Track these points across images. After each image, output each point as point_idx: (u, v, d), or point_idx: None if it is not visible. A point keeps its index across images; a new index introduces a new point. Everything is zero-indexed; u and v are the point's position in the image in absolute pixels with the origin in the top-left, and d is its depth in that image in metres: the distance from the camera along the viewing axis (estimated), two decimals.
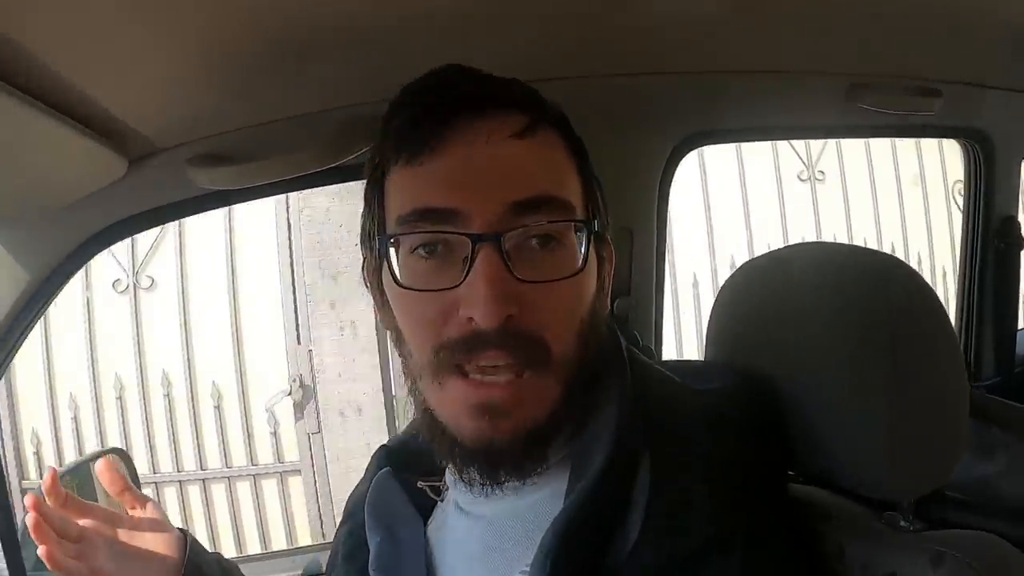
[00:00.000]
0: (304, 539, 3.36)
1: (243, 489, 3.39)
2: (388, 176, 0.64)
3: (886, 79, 1.12)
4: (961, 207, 1.46)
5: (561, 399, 0.61)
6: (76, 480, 1.25)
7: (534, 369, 0.59)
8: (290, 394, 3.25)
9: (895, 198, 3.88)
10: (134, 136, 0.95)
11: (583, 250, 0.61)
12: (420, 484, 0.74)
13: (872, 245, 3.69)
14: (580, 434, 0.63)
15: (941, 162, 3.91)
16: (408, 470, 0.76)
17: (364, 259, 0.69)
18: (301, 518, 3.41)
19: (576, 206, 0.63)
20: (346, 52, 0.87)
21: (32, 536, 0.72)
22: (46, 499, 0.75)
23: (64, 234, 1.04)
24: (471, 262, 0.57)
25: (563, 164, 0.64)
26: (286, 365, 3.29)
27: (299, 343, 3.27)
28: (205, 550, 0.86)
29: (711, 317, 0.81)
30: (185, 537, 0.84)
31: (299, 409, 3.29)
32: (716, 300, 0.81)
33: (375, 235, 0.65)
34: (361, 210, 0.68)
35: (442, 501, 0.73)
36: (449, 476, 0.70)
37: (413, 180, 0.61)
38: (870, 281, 0.65)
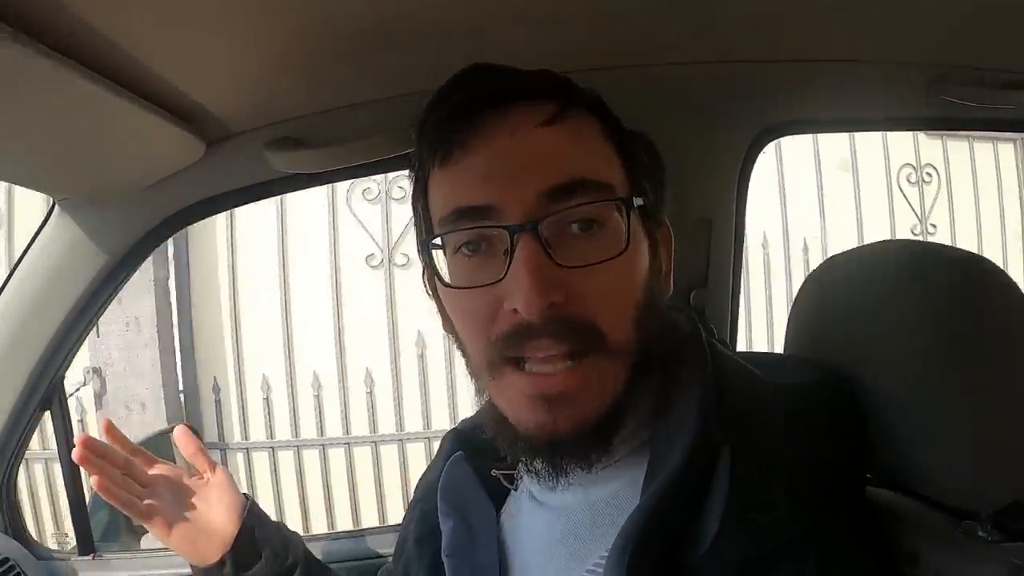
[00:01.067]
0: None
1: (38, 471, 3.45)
2: (430, 179, 0.64)
3: (971, 70, 1.07)
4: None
5: (624, 386, 0.60)
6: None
7: (590, 356, 0.58)
8: (85, 384, 3.30)
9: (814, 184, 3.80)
10: (212, 120, 0.95)
11: (626, 230, 0.60)
12: (494, 473, 0.74)
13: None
14: (658, 423, 0.62)
15: (884, 147, 3.81)
16: (480, 455, 0.76)
17: (424, 268, 0.70)
18: None
19: (616, 187, 0.61)
20: (424, 39, 0.86)
21: (83, 468, 0.78)
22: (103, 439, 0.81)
23: (143, 214, 1.06)
24: (511, 253, 0.57)
25: (598, 146, 0.63)
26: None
27: (98, 335, 3.32)
28: (266, 516, 0.89)
29: (791, 313, 0.79)
30: (248, 503, 0.87)
31: (98, 399, 3.37)
32: (797, 296, 0.79)
33: (424, 240, 0.66)
34: None
35: (515, 490, 0.72)
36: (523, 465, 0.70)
37: (448, 181, 0.62)
38: (959, 280, 0.62)
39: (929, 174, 3.88)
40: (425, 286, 0.70)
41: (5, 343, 1.13)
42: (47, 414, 1.20)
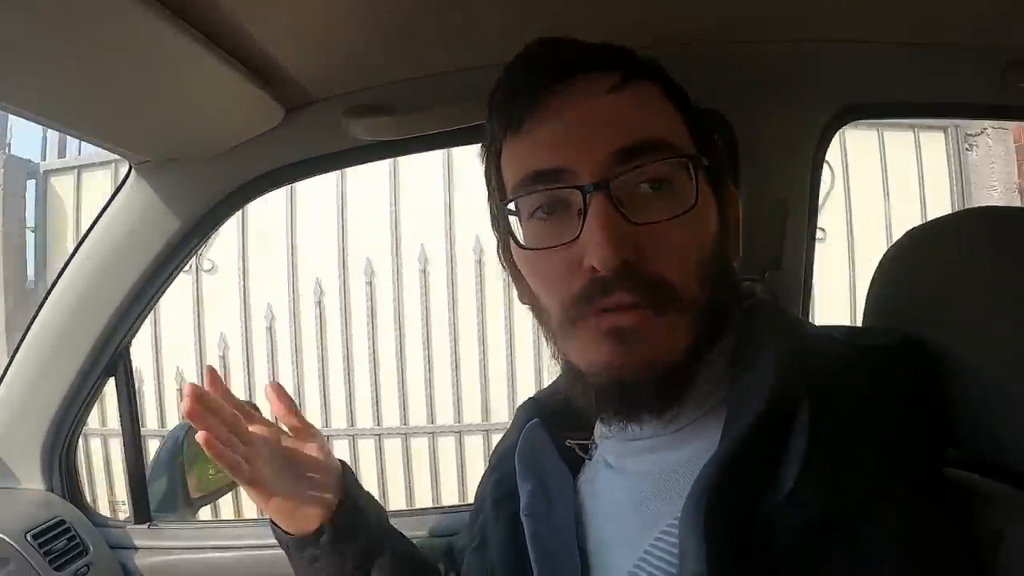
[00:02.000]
0: None
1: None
2: (502, 150, 0.67)
3: None
4: None
5: (694, 339, 0.61)
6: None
7: (664, 310, 0.59)
8: None
9: None
10: (293, 84, 0.96)
11: (695, 187, 0.61)
12: (569, 442, 0.75)
13: None
14: (735, 383, 0.62)
15: None
16: (556, 423, 0.76)
17: (497, 240, 0.72)
18: None
19: (682, 147, 0.63)
20: (506, 7, 0.86)
21: (191, 422, 0.71)
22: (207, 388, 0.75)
23: (218, 181, 1.07)
24: (584, 213, 0.59)
25: (663, 109, 0.65)
26: None
27: None
28: (361, 486, 0.84)
29: (871, 285, 0.77)
30: (344, 470, 0.83)
31: None
32: (878, 268, 0.77)
33: (498, 208, 0.68)
34: None
35: (590, 459, 0.73)
36: (598, 431, 0.71)
37: (520, 148, 0.64)
38: None
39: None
40: (499, 256, 0.72)
41: (74, 307, 1.14)
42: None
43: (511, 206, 0.65)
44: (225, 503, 3.40)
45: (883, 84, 1.08)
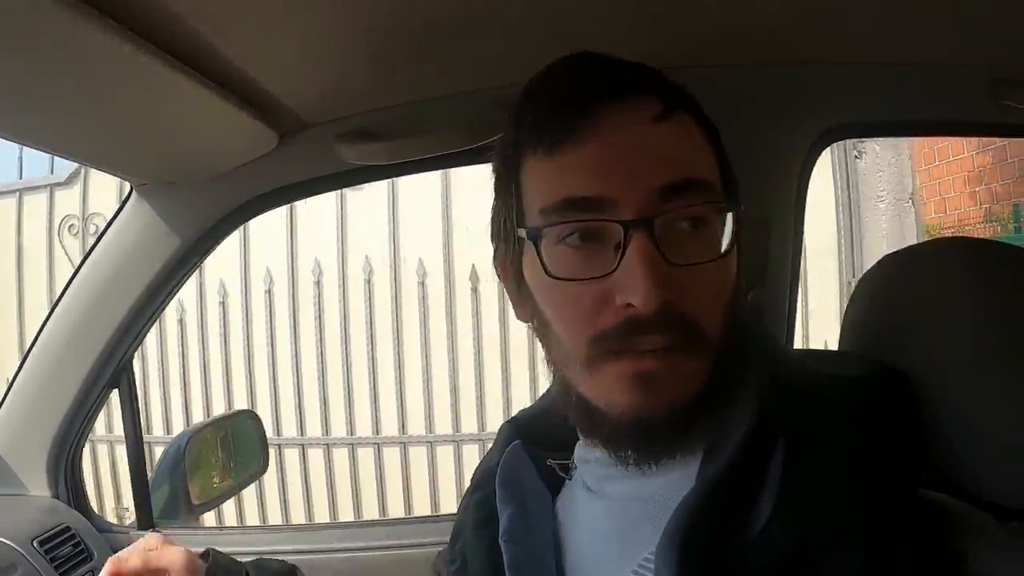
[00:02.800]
0: None
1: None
2: (524, 165, 0.64)
3: None
4: None
5: (707, 379, 0.60)
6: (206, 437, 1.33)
7: (693, 353, 0.59)
8: None
9: None
10: (285, 111, 0.98)
11: (730, 232, 0.60)
12: (549, 462, 0.75)
13: None
14: (717, 416, 0.61)
15: None
16: (536, 444, 0.76)
17: (496, 250, 0.70)
18: None
19: (717, 187, 0.62)
20: (497, 32, 0.87)
21: None
22: None
23: (216, 202, 1.10)
24: (624, 248, 0.57)
25: (701, 145, 0.63)
26: None
27: None
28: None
29: (847, 310, 0.78)
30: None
31: None
32: (853, 293, 0.78)
33: (513, 226, 0.65)
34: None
35: (570, 480, 0.73)
36: (578, 454, 0.70)
37: (555, 170, 0.61)
38: (1018, 277, 0.61)
39: None
40: (497, 270, 0.70)
41: (78, 322, 1.17)
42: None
43: (530, 228, 0.62)
44: (229, 510, 3.47)
45: (870, 103, 1.09)
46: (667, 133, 0.60)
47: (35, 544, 1.13)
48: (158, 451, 3.34)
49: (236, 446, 1.35)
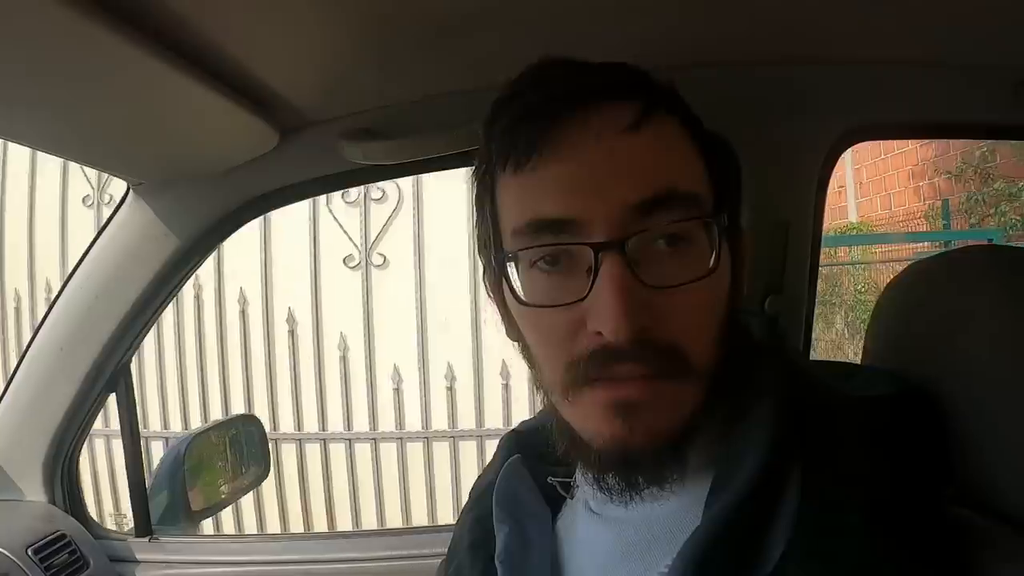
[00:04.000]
0: None
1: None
2: (498, 182, 0.60)
3: None
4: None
5: (700, 405, 0.56)
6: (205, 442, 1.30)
7: (673, 378, 0.55)
8: None
9: None
10: (288, 108, 0.95)
11: (715, 248, 0.56)
12: (550, 480, 0.71)
13: None
14: (726, 439, 0.58)
15: None
16: (538, 459, 0.73)
17: (484, 269, 0.66)
18: None
19: (702, 197, 0.57)
20: (504, 30, 0.84)
21: None
22: None
23: (216, 201, 1.07)
24: (595, 273, 0.53)
25: (685, 152, 0.58)
26: None
27: None
28: None
29: (871, 322, 0.76)
30: None
31: None
32: (877, 304, 0.76)
33: (491, 247, 0.62)
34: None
35: (571, 499, 0.70)
36: (580, 474, 0.67)
37: (523, 189, 0.57)
38: None
39: (382, 190, 3.49)
40: (487, 289, 0.67)
41: (75, 325, 1.15)
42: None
43: (503, 251, 0.59)
44: (227, 518, 3.45)
45: (890, 104, 1.06)
46: (643, 143, 0.56)
47: (30, 552, 1.11)
48: (155, 446, 3.40)
49: (236, 451, 1.33)
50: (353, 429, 3.53)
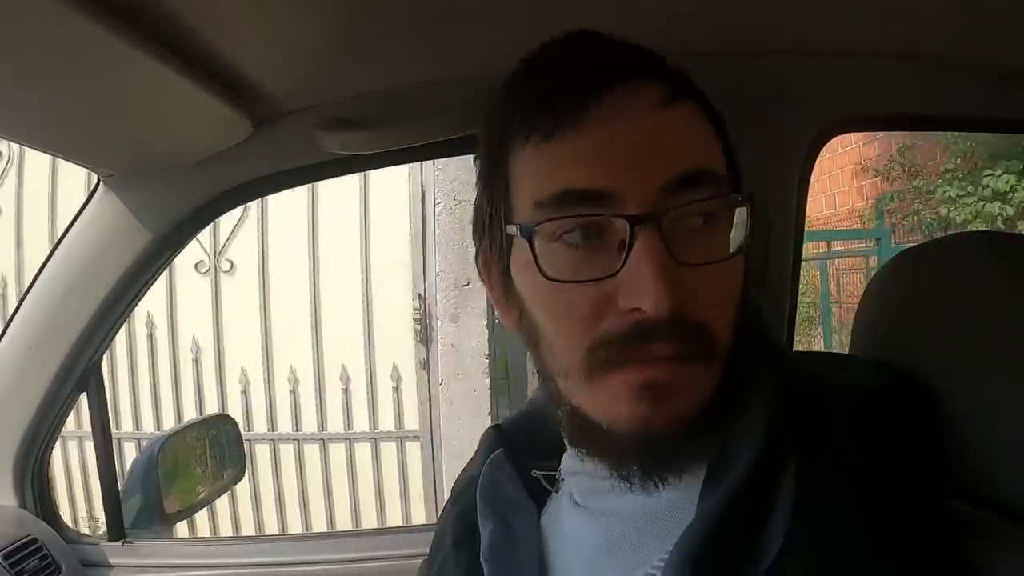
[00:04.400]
0: None
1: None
2: (514, 155, 0.58)
3: None
4: None
5: (718, 390, 0.55)
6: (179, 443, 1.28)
7: (701, 360, 0.54)
8: None
9: None
10: (262, 97, 0.93)
11: (743, 229, 0.55)
12: (534, 473, 0.70)
13: None
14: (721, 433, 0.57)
15: None
16: (521, 453, 0.72)
17: (479, 249, 0.64)
18: None
19: (727, 180, 0.57)
20: (483, 17, 0.83)
21: None
22: None
23: (188, 193, 1.05)
24: (629, 247, 0.51)
25: (710, 137, 0.58)
26: None
27: None
28: None
29: (859, 309, 0.75)
30: None
31: None
32: (866, 291, 0.75)
33: (500, 223, 0.59)
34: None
35: (556, 492, 0.68)
36: (566, 465, 0.65)
37: (551, 160, 0.55)
38: None
39: None
40: (480, 273, 0.65)
41: (43, 323, 1.12)
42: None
43: (522, 224, 0.56)
44: (202, 521, 3.41)
45: (872, 96, 1.05)
46: (675, 121, 0.55)
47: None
48: (127, 447, 3.34)
49: (211, 452, 1.30)
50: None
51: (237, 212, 3.39)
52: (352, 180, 3.33)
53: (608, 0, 0.81)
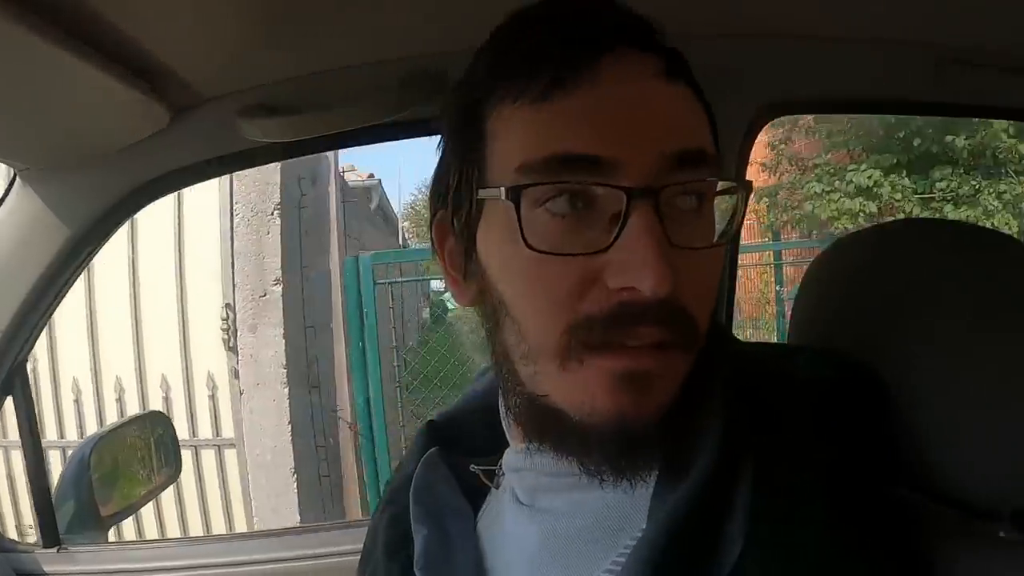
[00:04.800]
0: None
1: None
2: (499, 114, 0.53)
3: (978, 54, 1.02)
4: None
5: (690, 381, 0.52)
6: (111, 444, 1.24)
7: (681, 348, 0.50)
8: None
9: None
10: (180, 84, 0.89)
11: (737, 213, 0.54)
12: (473, 468, 0.66)
13: None
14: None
15: None
16: (456, 449, 0.68)
17: (435, 216, 0.59)
18: None
19: (716, 162, 0.53)
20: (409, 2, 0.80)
21: None
22: None
23: (107, 185, 1.00)
24: (623, 221, 0.47)
25: (704, 119, 0.54)
26: None
27: None
28: None
29: (797, 297, 0.73)
30: None
31: None
32: (804, 278, 0.73)
33: (472, 186, 0.54)
34: None
35: (496, 488, 0.64)
36: (508, 460, 0.61)
37: (542, 121, 0.50)
38: (991, 261, 0.57)
39: None
40: (433, 241, 0.60)
41: None
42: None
43: (508, 187, 0.50)
44: (148, 523, 3.37)
45: (810, 79, 1.05)
46: (674, 94, 0.51)
47: None
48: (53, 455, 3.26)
49: (146, 451, 1.26)
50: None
51: None
52: None
53: None
